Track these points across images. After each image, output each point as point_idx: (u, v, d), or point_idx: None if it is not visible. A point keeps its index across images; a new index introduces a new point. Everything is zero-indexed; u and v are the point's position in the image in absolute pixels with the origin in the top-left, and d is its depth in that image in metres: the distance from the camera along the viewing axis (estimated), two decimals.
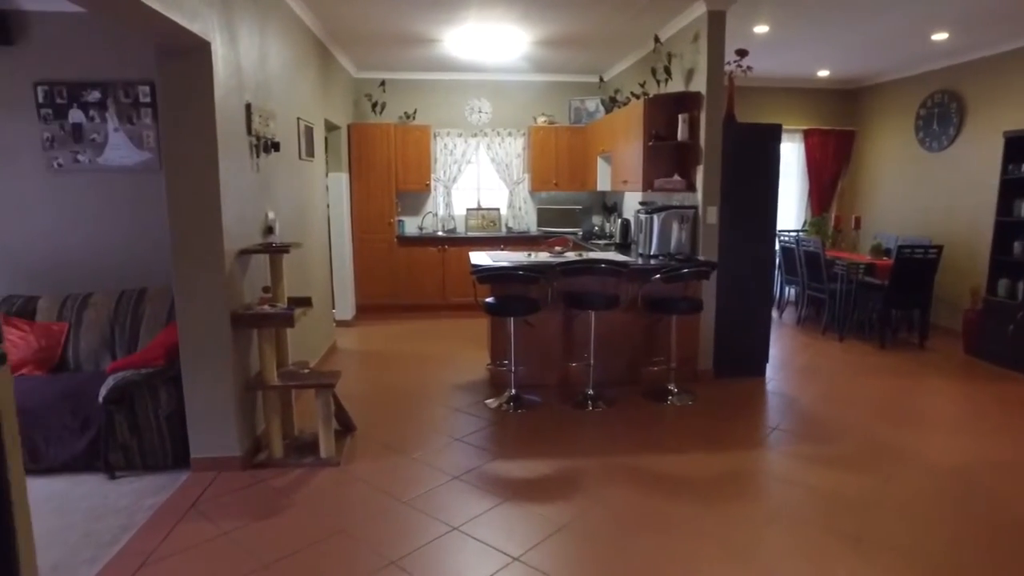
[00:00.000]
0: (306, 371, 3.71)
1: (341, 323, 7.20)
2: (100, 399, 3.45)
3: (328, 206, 6.92)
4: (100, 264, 4.71)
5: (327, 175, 6.98)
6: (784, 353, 6.07)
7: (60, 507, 3.22)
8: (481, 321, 6.97)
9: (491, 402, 4.58)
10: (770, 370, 5.43)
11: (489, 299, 4.53)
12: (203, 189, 3.23)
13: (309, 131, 5.22)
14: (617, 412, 4.44)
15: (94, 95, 4.61)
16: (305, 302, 3.84)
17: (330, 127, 6.62)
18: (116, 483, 3.46)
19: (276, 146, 4.06)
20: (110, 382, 3.47)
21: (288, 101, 4.59)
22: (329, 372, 3.75)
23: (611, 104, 6.82)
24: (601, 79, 7.81)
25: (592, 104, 7.94)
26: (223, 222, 3.27)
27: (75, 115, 4.62)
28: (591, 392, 4.60)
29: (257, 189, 3.87)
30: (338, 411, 3.95)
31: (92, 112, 4.63)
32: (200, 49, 3.08)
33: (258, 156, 3.83)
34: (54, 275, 4.82)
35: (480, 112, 8.00)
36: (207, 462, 3.46)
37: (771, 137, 5.07)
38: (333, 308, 6.92)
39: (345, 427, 4.02)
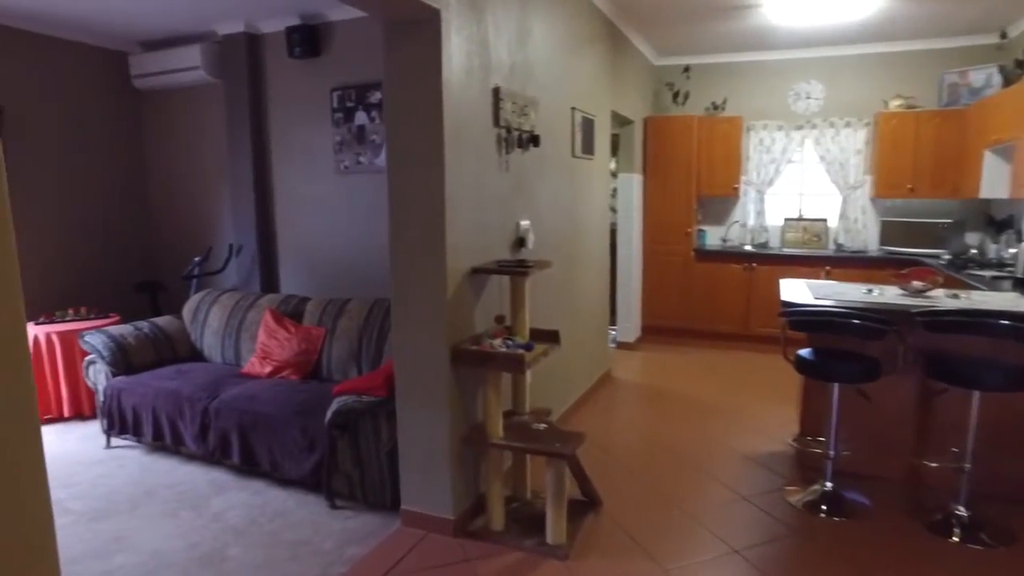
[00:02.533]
0: (542, 426, 2.93)
1: (623, 345, 6.37)
2: (326, 421, 3.15)
3: (615, 212, 6.14)
4: (368, 269, 4.62)
5: (615, 176, 6.20)
6: None
7: (275, 532, 2.97)
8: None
9: (794, 493, 3.26)
10: None
11: (804, 352, 3.21)
12: (425, 192, 2.65)
13: (588, 124, 4.45)
14: (1011, 558, 2.75)
15: (376, 96, 4.51)
16: (550, 337, 3.06)
17: (622, 121, 5.81)
18: (334, 514, 3.13)
19: (535, 140, 3.36)
20: (334, 405, 3.14)
21: (558, 88, 3.87)
22: (570, 434, 2.90)
23: (1019, 70, 4.70)
24: (1003, 35, 5.52)
25: (980, 76, 5.72)
26: (447, 232, 2.65)
27: (360, 117, 4.57)
28: (962, 511, 2.96)
29: (506, 192, 3.21)
30: (580, 479, 3.09)
31: (373, 113, 4.53)
32: (428, 20, 2.48)
33: (508, 152, 3.17)
34: (330, 277, 4.89)
35: (808, 98, 6.38)
36: (417, 517, 2.90)
37: None
38: (613, 327, 6.12)
39: (588, 498, 3.15)
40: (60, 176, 4.98)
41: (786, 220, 6.54)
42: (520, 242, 3.39)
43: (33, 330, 4.40)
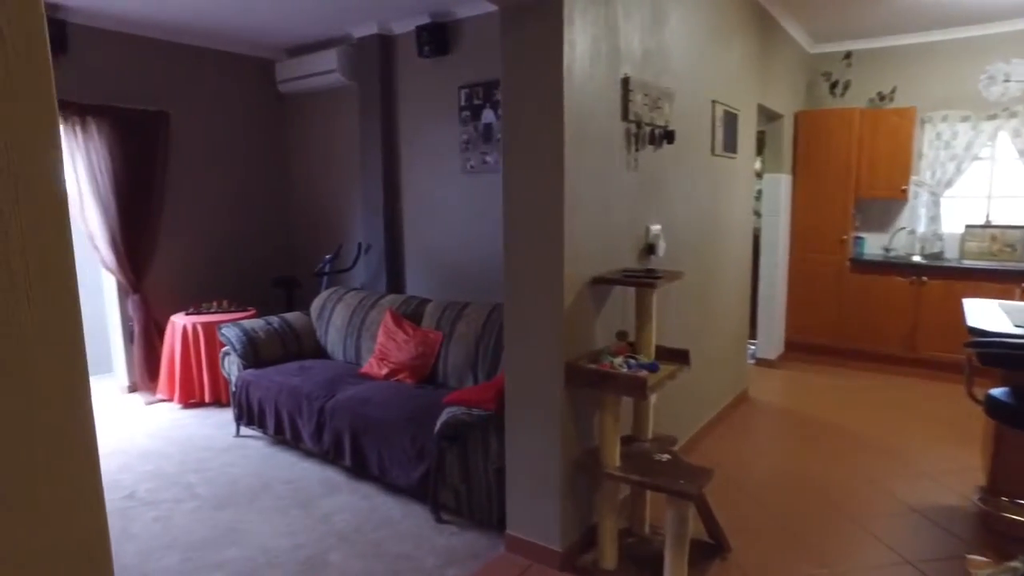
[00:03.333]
0: (666, 457, 2.60)
1: (762, 362, 5.79)
2: (435, 432, 3.02)
3: (759, 216, 5.58)
4: (491, 272, 4.47)
5: (760, 177, 5.64)
6: None
7: (379, 542, 2.89)
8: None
9: (980, 566, 2.66)
10: None
11: (998, 392, 2.61)
12: (542, 191, 2.41)
13: (731, 119, 4.01)
14: None
15: None
16: (679, 356, 2.72)
17: (770, 116, 5.26)
18: (439, 529, 3.00)
19: (669, 136, 3.02)
20: (444, 416, 3.00)
21: (697, 79, 3.48)
22: (697, 469, 2.55)
23: None
24: None
25: None
26: (566, 237, 2.40)
27: (487, 115, 4.44)
28: None
29: (634, 194, 2.91)
30: (707, 520, 2.72)
31: (501, 111, 4.38)
32: (548, 1, 2.24)
33: (638, 149, 2.86)
34: (454, 279, 4.81)
35: (1006, 81, 5.41)
36: (522, 544, 2.68)
37: None
38: (752, 342, 5.58)
39: (715, 540, 2.77)
40: (214, 177, 5.32)
41: (968, 227, 5.61)
42: (649, 249, 3.07)
43: (182, 320, 4.70)
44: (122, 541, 2.91)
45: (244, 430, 4.14)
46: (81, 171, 4.49)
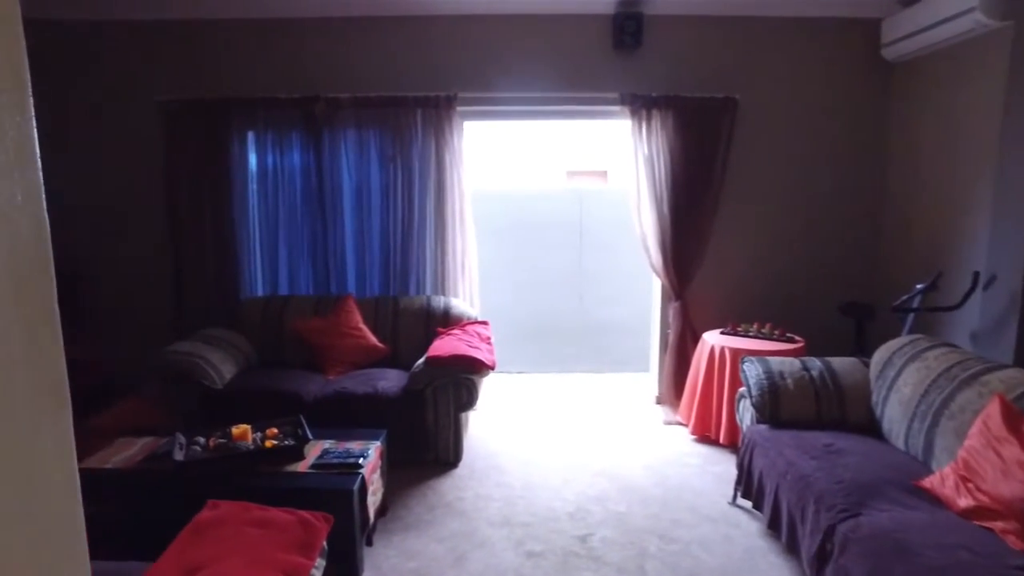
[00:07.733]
0: None
1: None
2: None
3: None
4: None
5: None
6: None
7: None
8: None
9: None
10: None
11: None
12: None
13: None
14: None
15: None
16: None
17: None
18: None
19: None
20: None
21: None
22: None
23: None
24: None
25: None
26: None
27: None
28: None
29: None
30: None
31: None
32: None
33: None
34: None
35: None
36: None
37: None
38: None
39: None
40: (781, 172, 4.42)
41: None
42: None
43: (713, 339, 4.05)
44: None
45: (741, 500, 3.21)
46: (641, 167, 4.30)
